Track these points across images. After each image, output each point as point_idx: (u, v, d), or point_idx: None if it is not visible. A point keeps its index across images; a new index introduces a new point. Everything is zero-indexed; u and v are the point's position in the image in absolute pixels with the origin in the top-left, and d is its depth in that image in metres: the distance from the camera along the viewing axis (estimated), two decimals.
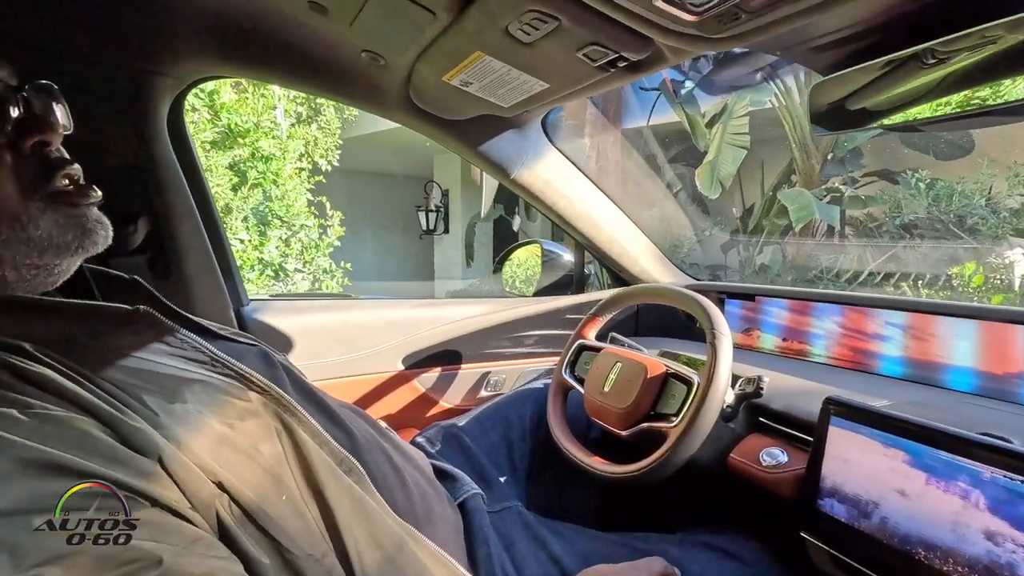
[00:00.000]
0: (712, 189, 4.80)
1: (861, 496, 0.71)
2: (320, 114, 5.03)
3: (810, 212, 4.38)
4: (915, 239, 4.41)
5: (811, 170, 5.02)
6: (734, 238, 5.87)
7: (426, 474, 0.81)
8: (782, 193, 4.92)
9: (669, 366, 0.94)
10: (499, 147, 1.09)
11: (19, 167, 0.50)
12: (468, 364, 1.34)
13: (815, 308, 1.16)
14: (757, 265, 5.38)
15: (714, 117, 5.06)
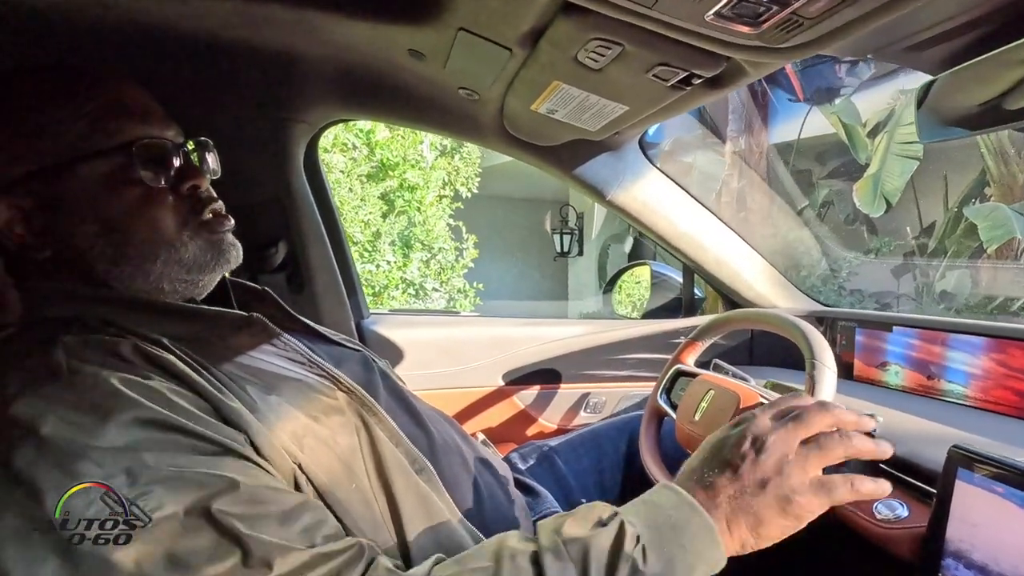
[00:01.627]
0: (875, 206, 4.24)
1: (992, 566, 0.60)
2: (463, 146, 5.42)
3: (1008, 230, 3.66)
4: None
5: (1011, 181, 4.20)
6: (908, 261, 5.10)
7: (504, 484, 0.84)
8: (970, 209, 4.18)
9: (764, 397, 0.86)
10: (593, 169, 1.11)
11: (177, 205, 0.64)
12: (567, 384, 1.35)
13: (972, 342, 0.99)
14: (938, 292, 4.60)
15: (877, 126, 4.50)
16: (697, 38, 0.59)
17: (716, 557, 0.49)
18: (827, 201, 5.75)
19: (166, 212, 0.62)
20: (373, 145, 3.78)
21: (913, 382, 1.08)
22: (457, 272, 4.15)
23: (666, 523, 0.49)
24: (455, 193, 5.04)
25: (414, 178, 3.95)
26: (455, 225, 4.50)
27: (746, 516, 0.51)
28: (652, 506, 0.52)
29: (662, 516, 0.50)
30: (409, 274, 3.83)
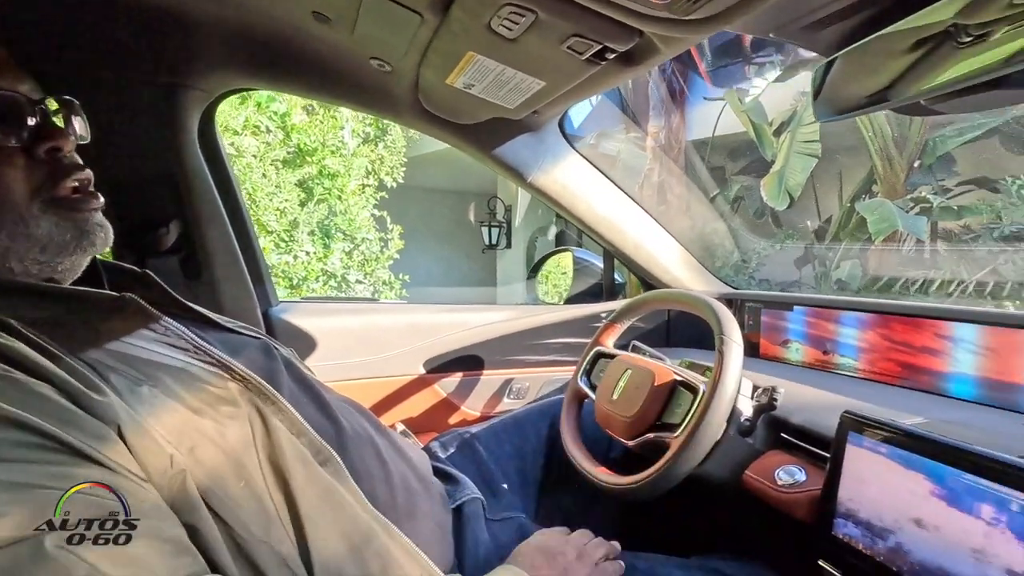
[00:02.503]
0: (780, 200, 4.55)
1: (876, 521, 0.64)
2: (387, 134, 5.27)
3: (892, 224, 4.04)
4: (1019, 252, 3.95)
5: (895, 179, 4.64)
6: (809, 252, 5.52)
7: (419, 473, 0.81)
8: (861, 204, 4.58)
9: (678, 374, 0.89)
10: (513, 151, 1.09)
11: (31, 170, 0.55)
12: (490, 370, 1.33)
13: (861, 319, 1.06)
14: (834, 280, 5.01)
15: (782, 125, 4.82)
16: (608, 7, 0.58)
17: None
18: (739, 196, 6.10)
19: (14, 175, 0.54)
20: (289, 129, 3.58)
21: (811, 357, 1.16)
22: (382, 263, 4.03)
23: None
24: (380, 183, 4.89)
25: (334, 165, 3.79)
26: (380, 215, 4.37)
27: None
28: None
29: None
30: (330, 265, 3.68)
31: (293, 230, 3.51)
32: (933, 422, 0.75)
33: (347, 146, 4.09)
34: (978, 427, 0.74)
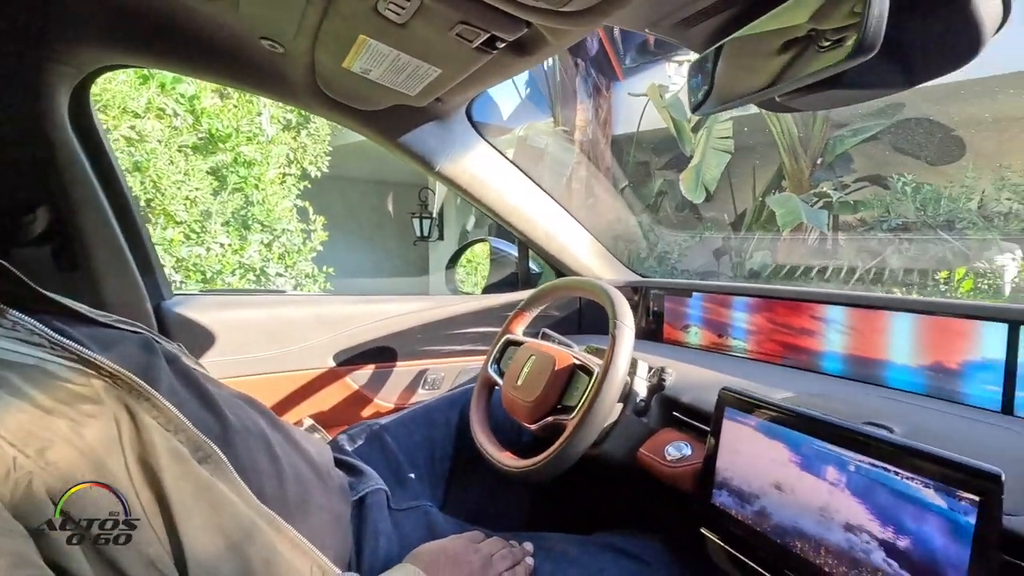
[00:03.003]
0: (697, 194, 4.78)
1: (745, 488, 0.69)
2: (310, 121, 5.07)
3: (797, 216, 4.35)
4: (904, 243, 4.36)
5: (800, 175, 4.99)
6: (726, 243, 5.84)
7: (317, 466, 0.79)
8: (771, 199, 4.89)
9: (578, 358, 0.92)
10: (420, 139, 1.08)
11: None
12: (404, 362, 1.32)
13: (749, 303, 1.14)
14: (747, 269, 5.34)
15: (700, 122, 5.05)
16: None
17: None
18: (662, 190, 6.35)
19: None
20: (199, 113, 3.36)
21: (708, 340, 1.23)
22: (304, 255, 3.88)
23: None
24: (303, 172, 4.70)
25: (251, 153, 3.60)
26: (303, 206, 4.20)
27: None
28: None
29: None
30: (248, 258, 3.50)
31: (205, 221, 3.31)
32: (800, 396, 0.82)
33: (265, 133, 3.90)
34: (837, 398, 0.82)
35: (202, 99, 3.37)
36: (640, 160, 6.56)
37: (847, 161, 5.04)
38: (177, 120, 3.34)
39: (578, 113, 5.89)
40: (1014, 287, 4.04)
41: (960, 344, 0.82)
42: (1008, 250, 4.08)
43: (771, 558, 0.65)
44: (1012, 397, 0.76)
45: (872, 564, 0.55)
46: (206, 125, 3.40)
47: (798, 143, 5.06)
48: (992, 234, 4.00)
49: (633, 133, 6.11)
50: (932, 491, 0.51)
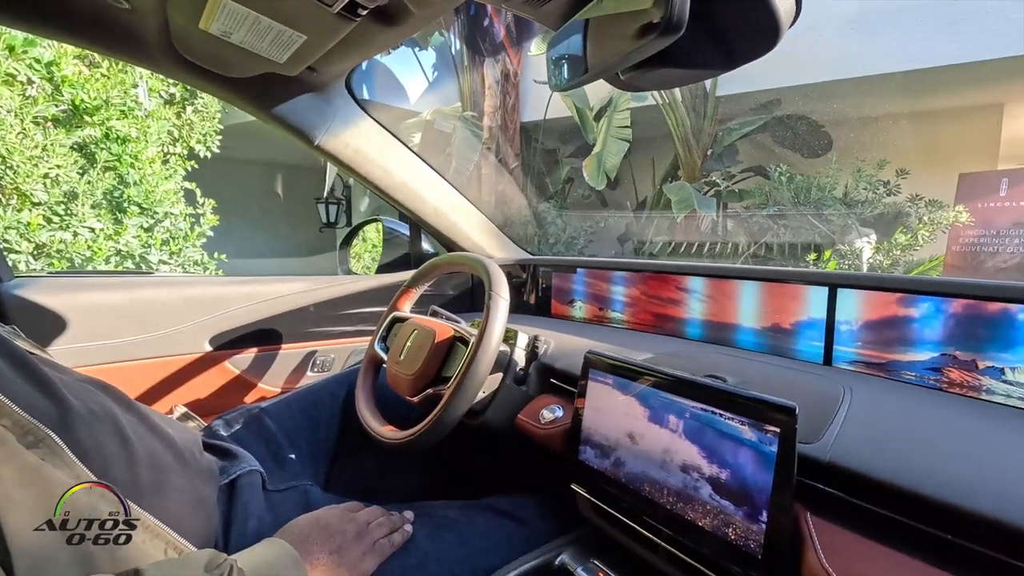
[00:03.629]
0: (599, 181, 4.96)
1: (604, 442, 0.74)
2: (197, 96, 4.68)
3: (690, 204, 4.65)
4: (781, 227, 4.80)
5: (693, 165, 5.33)
6: (628, 229, 6.12)
7: (177, 449, 0.76)
8: (667, 187, 5.19)
9: (457, 330, 0.94)
10: (297, 111, 1.04)
11: None
12: (291, 344, 1.28)
13: (626, 277, 1.21)
14: (647, 254, 5.64)
15: (601, 110, 5.24)
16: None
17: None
18: (569, 177, 6.52)
19: None
20: (60, 81, 3.00)
21: (590, 314, 1.29)
22: (192, 241, 3.60)
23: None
24: (189, 151, 4.35)
25: (125, 128, 3.28)
26: (190, 188, 3.89)
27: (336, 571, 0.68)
28: (264, 562, 0.61)
29: (270, 571, 0.59)
30: (125, 244, 3.19)
31: (70, 202, 2.98)
32: (656, 356, 0.89)
33: (142, 107, 3.55)
34: (687, 357, 0.90)
35: (62, 66, 3.01)
36: (548, 148, 6.69)
37: (733, 153, 5.44)
38: (32, 89, 2.96)
39: (486, 99, 5.90)
40: (870, 266, 4.59)
41: (793, 307, 0.93)
42: (865, 234, 4.61)
43: (628, 505, 0.71)
44: (831, 350, 0.88)
45: (701, 499, 0.61)
46: (68, 95, 3.04)
47: (691, 135, 5.38)
48: (852, 220, 4.51)
49: (540, 120, 6.21)
50: (747, 427, 0.58)
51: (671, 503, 0.65)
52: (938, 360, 0.75)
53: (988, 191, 4.57)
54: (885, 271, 4.44)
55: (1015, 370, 0.68)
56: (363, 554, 0.72)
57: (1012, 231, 4.44)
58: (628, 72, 0.63)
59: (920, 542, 0.49)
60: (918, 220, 4.39)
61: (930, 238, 4.38)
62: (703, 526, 0.61)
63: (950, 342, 0.74)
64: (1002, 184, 4.56)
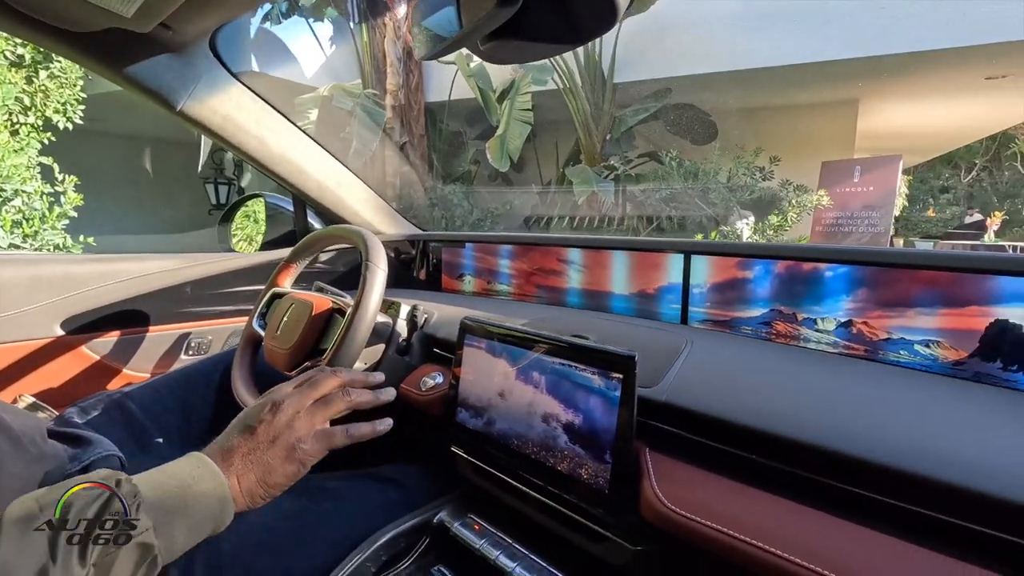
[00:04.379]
0: (502, 163, 5.02)
1: (477, 403, 0.78)
2: (53, 60, 4.15)
3: (590, 186, 4.83)
4: (673, 210, 5.13)
5: (593, 149, 5.53)
6: (533, 211, 6.26)
7: (14, 436, 0.69)
8: (569, 170, 5.35)
9: (335, 301, 0.93)
10: (154, 72, 0.97)
11: None
12: (161, 326, 1.19)
13: (511, 251, 1.25)
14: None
15: (504, 92, 5.28)
16: None
17: (222, 515, 0.53)
18: (476, 159, 6.53)
19: None
20: None
21: (479, 287, 1.32)
22: (51, 223, 3.22)
23: (175, 487, 0.51)
24: (45, 121, 3.86)
25: None
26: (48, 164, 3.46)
27: (257, 469, 0.58)
28: (165, 473, 0.53)
29: (173, 480, 0.52)
30: None
31: None
32: (531, 321, 0.93)
33: None
34: (558, 320, 0.95)
35: None
36: (454, 130, 6.63)
37: (630, 138, 5.71)
38: None
39: (388, 77, 5.72)
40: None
41: (656, 274, 1.01)
42: (744, 216, 5.04)
43: (503, 461, 0.75)
44: (687, 311, 0.97)
45: (559, 447, 0.66)
46: None
47: (591, 120, 5.57)
48: (733, 203, 4.91)
49: (446, 101, 6.14)
50: (596, 377, 0.63)
51: (535, 453, 0.69)
52: (768, 315, 0.85)
53: (845, 177, 5.16)
54: None
55: (824, 320, 0.79)
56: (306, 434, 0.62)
57: (863, 213, 5.06)
58: (486, 42, 0.65)
59: (743, 468, 0.56)
60: (788, 203, 4.87)
61: (797, 219, 4.87)
62: (561, 471, 0.66)
63: (776, 299, 0.84)
64: (856, 171, 5.16)
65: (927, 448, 0.48)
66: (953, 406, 0.58)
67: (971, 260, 0.67)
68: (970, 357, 0.66)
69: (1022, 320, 0.62)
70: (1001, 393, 0.61)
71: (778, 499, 0.53)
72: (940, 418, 0.55)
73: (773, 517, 0.51)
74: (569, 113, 5.65)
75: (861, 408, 0.57)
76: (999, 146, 11.77)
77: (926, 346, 0.69)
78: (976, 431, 0.51)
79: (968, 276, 0.66)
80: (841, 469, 0.50)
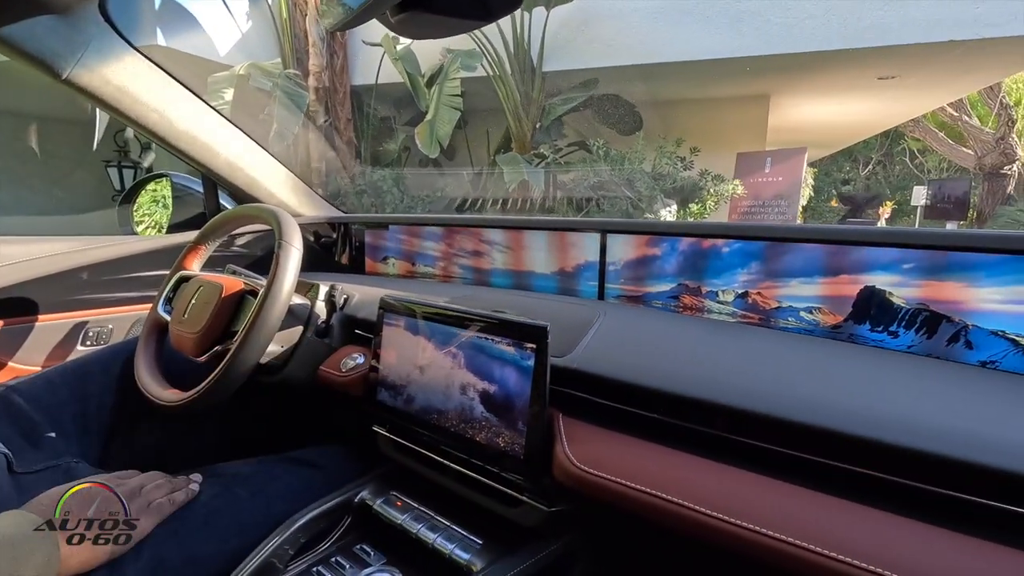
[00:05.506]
0: (432, 148, 4.96)
1: (398, 381, 0.78)
2: None
3: (520, 175, 4.87)
4: (601, 198, 5.27)
5: (524, 137, 5.57)
6: (465, 200, 6.23)
7: None
8: (500, 157, 5.36)
9: (247, 283, 0.89)
10: (35, 35, 0.88)
11: None
12: (51, 315, 1.10)
13: (436, 233, 1.25)
14: None
15: (432, 77, 5.20)
16: None
17: None
18: (405, 146, 6.40)
19: None
20: None
21: (403, 270, 1.31)
22: None
23: None
24: None
25: None
26: None
27: None
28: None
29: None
30: None
31: None
32: (452, 299, 0.94)
33: None
34: (478, 299, 0.97)
35: None
36: (383, 115, 6.47)
37: (559, 127, 5.80)
38: None
39: (311, 57, 5.48)
40: None
41: (574, 253, 1.04)
42: (667, 204, 5.27)
43: (424, 436, 0.75)
44: (604, 288, 1.01)
45: (476, 417, 0.68)
46: None
47: (520, 108, 5.60)
48: (657, 191, 5.11)
49: (373, 85, 5.96)
50: (511, 347, 0.65)
51: (454, 426, 0.70)
52: (676, 289, 0.91)
53: (757, 168, 5.50)
54: None
55: (723, 292, 0.85)
56: (136, 514, 0.67)
57: (774, 201, 5.42)
58: (396, 14, 0.64)
59: (649, 428, 0.60)
60: (707, 192, 5.13)
61: (715, 207, 5.14)
62: (479, 440, 0.68)
63: (682, 274, 0.90)
64: (767, 162, 5.51)
65: (816, 401, 0.53)
66: (833, 364, 0.64)
67: (842, 233, 0.74)
68: (845, 321, 0.73)
69: (886, 286, 0.70)
70: (869, 350, 0.68)
71: (680, 454, 0.57)
72: (822, 375, 0.61)
73: (674, 469, 0.55)
74: (499, 100, 5.65)
75: (755, 369, 0.62)
76: (891, 142, 12.93)
77: (809, 312, 0.76)
78: (854, 384, 0.58)
79: (841, 248, 0.73)
80: (736, 423, 0.55)
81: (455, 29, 0.70)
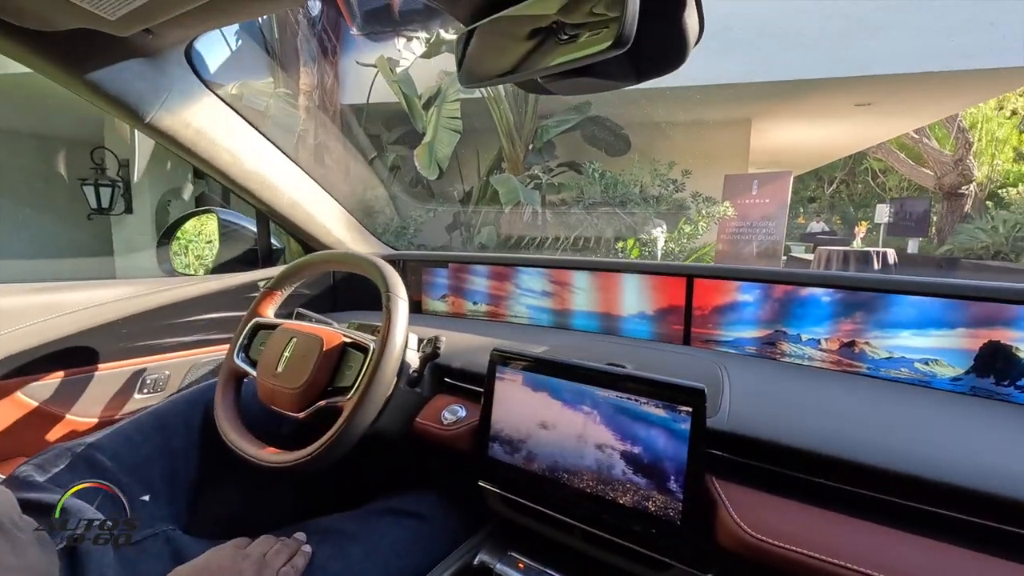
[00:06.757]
0: (431, 170, 4.95)
1: (515, 436, 0.76)
2: None
3: (516, 195, 4.89)
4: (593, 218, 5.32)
5: (516, 158, 5.60)
6: (457, 219, 6.21)
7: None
8: (494, 178, 5.37)
9: (347, 336, 0.87)
10: (123, 79, 0.85)
11: None
12: (110, 363, 1.05)
13: (495, 272, 1.24)
14: (476, 244, 5.79)
15: (430, 99, 5.21)
16: None
17: None
18: (395, 165, 6.36)
19: None
20: None
21: (463, 308, 1.30)
22: None
23: None
24: None
25: None
26: None
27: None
28: None
29: None
30: None
31: None
32: (554, 348, 0.93)
33: None
34: (581, 347, 0.96)
35: None
36: (372, 134, 6.42)
37: (552, 148, 5.85)
38: None
39: (302, 76, 5.42)
40: (664, 252, 5.34)
41: (656, 296, 1.05)
42: (658, 225, 5.35)
43: (542, 493, 0.74)
44: (689, 332, 1.01)
45: (615, 476, 0.67)
46: None
47: (514, 129, 5.64)
48: (648, 212, 5.19)
49: (363, 104, 5.93)
50: (660, 409, 0.65)
51: (590, 486, 0.69)
52: (773, 336, 0.92)
53: (744, 190, 5.64)
54: (676, 256, 5.22)
55: (826, 340, 0.86)
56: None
57: (761, 223, 5.55)
58: (547, 77, 0.64)
59: (810, 492, 0.60)
60: (697, 213, 5.23)
61: (706, 228, 5.25)
62: (623, 503, 0.66)
63: (777, 320, 0.91)
64: (754, 184, 5.66)
65: (1004, 472, 0.54)
66: (995, 425, 0.65)
67: (955, 288, 0.76)
68: (966, 374, 0.75)
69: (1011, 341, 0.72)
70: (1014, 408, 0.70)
71: (851, 519, 0.57)
72: (1001, 441, 0.62)
73: (848, 535, 0.55)
74: (491, 121, 5.67)
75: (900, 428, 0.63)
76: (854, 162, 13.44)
77: (925, 364, 0.78)
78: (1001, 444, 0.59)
79: (959, 302, 0.75)
80: (918, 491, 0.55)
81: (598, 88, 0.70)
